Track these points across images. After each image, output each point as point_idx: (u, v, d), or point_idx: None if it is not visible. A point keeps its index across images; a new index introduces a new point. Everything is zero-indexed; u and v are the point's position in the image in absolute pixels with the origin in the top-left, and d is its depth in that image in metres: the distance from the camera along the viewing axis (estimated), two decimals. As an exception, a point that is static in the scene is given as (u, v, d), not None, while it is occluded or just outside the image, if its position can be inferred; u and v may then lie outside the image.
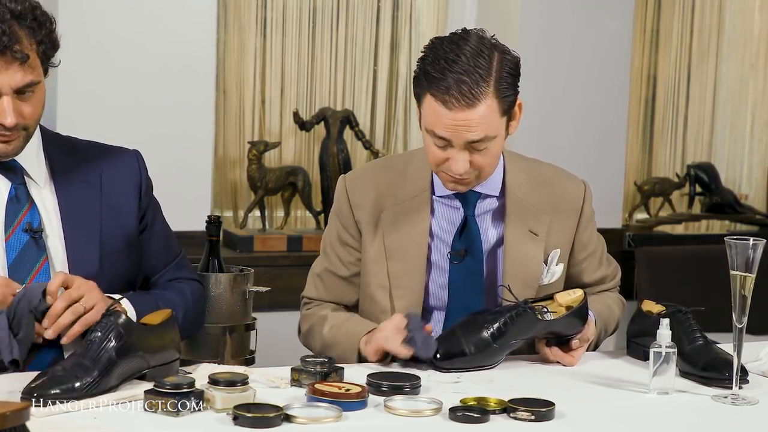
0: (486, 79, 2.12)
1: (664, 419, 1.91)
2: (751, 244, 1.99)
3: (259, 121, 3.98)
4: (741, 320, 2.00)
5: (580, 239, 2.37)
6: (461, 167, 2.16)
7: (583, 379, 2.12)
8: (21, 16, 1.97)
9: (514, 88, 2.18)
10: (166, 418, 1.74)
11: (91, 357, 1.84)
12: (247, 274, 2.58)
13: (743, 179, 4.72)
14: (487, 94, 2.12)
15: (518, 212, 2.30)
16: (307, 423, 1.75)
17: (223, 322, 2.50)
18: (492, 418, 1.82)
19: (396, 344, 2.10)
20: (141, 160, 2.23)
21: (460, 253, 2.28)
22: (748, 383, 2.08)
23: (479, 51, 2.13)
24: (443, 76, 2.11)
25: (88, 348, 1.85)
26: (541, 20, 3.98)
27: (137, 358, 1.89)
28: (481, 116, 2.12)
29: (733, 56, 4.61)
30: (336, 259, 2.37)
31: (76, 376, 1.80)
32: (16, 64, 1.96)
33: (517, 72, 2.19)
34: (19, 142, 2.03)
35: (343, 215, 2.36)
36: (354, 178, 2.39)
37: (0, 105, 1.96)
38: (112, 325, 1.87)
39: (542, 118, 3.99)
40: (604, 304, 2.39)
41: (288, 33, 3.98)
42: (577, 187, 2.39)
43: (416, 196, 2.30)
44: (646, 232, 4.34)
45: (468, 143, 2.14)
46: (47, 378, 1.80)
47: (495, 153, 2.20)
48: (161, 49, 3.54)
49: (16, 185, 2.08)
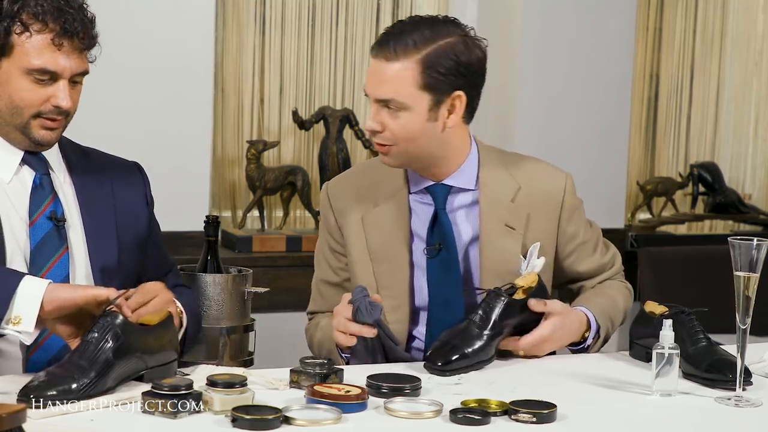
0: (418, 45, 2.16)
1: (667, 421, 1.90)
2: (755, 245, 1.98)
3: (258, 120, 3.97)
4: (744, 321, 1.99)
5: (564, 231, 2.36)
6: (368, 123, 2.22)
7: (585, 380, 2.11)
8: (83, 9, 2.09)
9: (453, 75, 2.18)
10: (163, 420, 1.73)
11: (88, 358, 1.82)
12: (245, 275, 2.57)
13: (747, 179, 4.71)
14: (409, 57, 2.16)
15: (493, 206, 2.30)
16: (306, 425, 1.74)
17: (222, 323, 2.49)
18: (493, 420, 1.81)
19: (344, 324, 2.13)
20: (144, 173, 2.31)
21: (434, 248, 2.29)
22: (752, 385, 2.07)
23: (431, 23, 2.20)
24: (387, 31, 2.21)
25: (85, 349, 1.83)
26: (542, 18, 3.97)
27: (135, 359, 1.87)
28: (392, 75, 2.16)
29: (736, 55, 4.60)
30: (327, 266, 2.41)
31: (73, 377, 1.79)
32: (77, 51, 2.06)
33: (464, 64, 2.19)
34: (60, 131, 2.12)
35: (328, 222, 2.40)
36: (335, 183, 2.43)
37: (57, 88, 2.05)
38: (109, 326, 1.85)
39: (544, 117, 3.99)
40: (607, 297, 2.38)
41: (287, 31, 3.98)
42: (558, 180, 2.37)
43: (394, 195, 2.32)
44: (649, 233, 4.33)
45: (378, 101, 2.19)
46: (44, 379, 1.79)
47: (408, 127, 2.20)
48: (159, 47, 3.53)
49: (40, 175, 2.12)
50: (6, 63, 2.04)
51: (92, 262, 2.12)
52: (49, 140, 2.09)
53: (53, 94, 2.05)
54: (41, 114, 2.06)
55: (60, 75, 2.04)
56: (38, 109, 2.05)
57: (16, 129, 2.08)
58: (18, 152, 2.11)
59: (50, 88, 2.05)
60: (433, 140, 2.23)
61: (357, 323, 2.13)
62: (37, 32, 2.02)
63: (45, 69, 2.03)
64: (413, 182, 2.32)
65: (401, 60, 2.16)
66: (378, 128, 2.21)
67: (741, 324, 1.99)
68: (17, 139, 2.09)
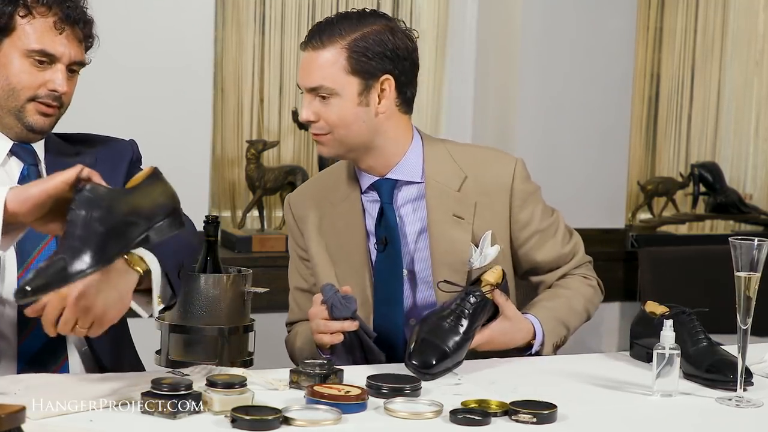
0: (344, 33, 2.21)
1: (667, 422, 1.90)
2: (756, 245, 1.97)
3: (258, 119, 3.96)
4: (745, 321, 1.99)
5: (517, 219, 2.35)
6: (302, 114, 2.26)
7: (586, 381, 2.10)
8: (84, 4, 2.15)
9: (380, 59, 2.22)
10: (163, 420, 1.73)
11: (79, 237, 1.64)
12: (245, 275, 2.56)
13: (748, 179, 4.71)
14: (335, 44, 2.21)
15: (440, 197, 2.31)
16: (306, 426, 1.73)
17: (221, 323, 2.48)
18: (493, 420, 1.80)
19: (324, 324, 2.13)
20: (136, 147, 2.31)
21: (382, 242, 2.31)
22: (753, 385, 2.07)
23: (360, 14, 2.25)
24: (315, 25, 2.27)
25: (71, 230, 1.65)
26: (543, 18, 3.96)
27: (129, 225, 1.70)
28: (321, 63, 2.21)
29: (737, 54, 4.60)
30: (297, 275, 2.44)
31: (64, 259, 1.62)
32: (77, 39, 2.11)
33: (390, 49, 2.23)
34: (54, 120, 2.14)
35: (292, 231, 2.44)
36: (295, 194, 2.49)
37: (54, 72, 2.09)
38: (85, 198, 1.67)
39: (544, 117, 3.98)
40: (563, 300, 2.35)
41: (287, 30, 3.97)
42: (505, 166, 2.36)
43: (348, 197, 2.36)
44: (650, 233, 4.33)
45: (310, 90, 2.23)
46: (35, 273, 1.61)
47: (340, 113, 2.23)
48: (158, 46, 3.53)
49: (28, 165, 2.14)
50: (6, 44, 2.08)
51: None
52: (42, 126, 2.11)
53: (51, 78, 2.08)
54: (37, 98, 2.09)
55: (58, 59, 2.08)
56: (35, 92, 2.08)
57: (11, 113, 2.10)
58: (7, 142, 2.13)
59: (48, 72, 2.08)
60: (367, 126, 2.26)
61: (336, 320, 2.13)
62: (41, 15, 2.07)
63: (45, 51, 2.07)
64: (362, 181, 2.35)
65: (328, 48, 2.21)
66: (312, 118, 2.25)
67: (742, 324, 1.99)
68: (10, 125, 2.11)
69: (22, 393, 1.82)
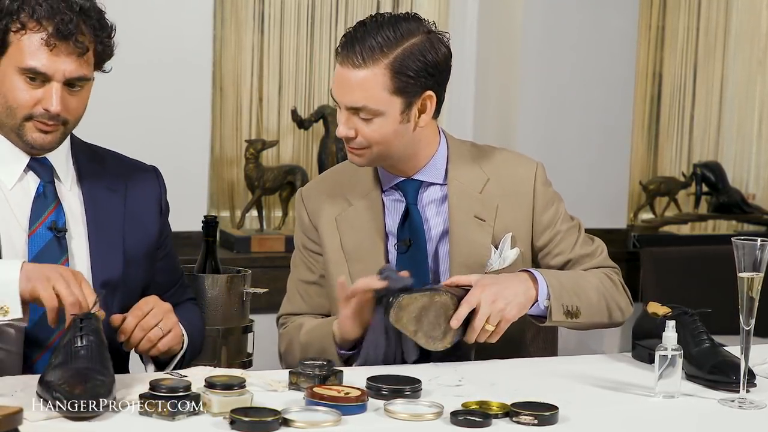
0: (385, 51, 2.15)
1: (669, 423, 1.89)
2: (758, 245, 1.97)
3: (257, 119, 3.96)
4: (748, 322, 1.98)
5: (540, 221, 2.34)
6: (341, 130, 2.21)
7: (588, 382, 2.10)
8: (88, 13, 2.04)
9: (423, 77, 2.18)
10: (161, 422, 1.72)
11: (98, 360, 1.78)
12: (244, 276, 2.56)
13: (751, 178, 4.70)
14: (377, 63, 2.15)
15: (462, 199, 2.31)
16: (305, 427, 1.72)
17: (220, 324, 2.48)
18: (494, 422, 1.80)
19: (368, 280, 2.10)
20: (161, 178, 2.28)
21: (404, 243, 2.29)
22: (756, 386, 2.06)
23: (394, 23, 2.18)
24: (350, 35, 2.18)
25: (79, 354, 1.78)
26: (544, 17, 3.96)
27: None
28: (362, 82, 2.15)
29: (740, 54, 4.59)
30: (303, 266, 2.39)
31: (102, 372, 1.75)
32: (74, 54, 2.01)
33: (431, 64, 2.19)
34: (57, 135, 2.06)
35: (303, 224, 2.39)
36: (309, 187, 2.44)
37: (48, 90, 2.01)
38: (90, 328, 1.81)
39: (546, 117, 3.98)
40: (572, 274, 2.29)
41: (286, 29, 3.97)
42: (527, 169, 2.36)
43: (367, 195, 2.33)
44: (652, 233, 4.33)
45: (348, 108, 2.18)
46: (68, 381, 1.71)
47: (381, 131, 2.20)
48: (157, 45, 3.53)
49: (44, 183, 2.10)
50: (4, 61, 2.02)
51: (94, 274, 2.08)
52: (43, 144, 2.05)
53: (44, 96, 2.01)
54: (33, 116, 2.03)
55: (51, 77, 2.01)
56: (29, 111, 2.02)
57: (12, 131, 2.06)
58: (24, 158, 2.09)
59: (41, 90, 2.01)
60: (406, 140, 2.25)
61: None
62: (32, 31, 1.99)
63: (35, 69, 2.00)
64: (384, 180, 2.33)
65: (369, 67, 2.15)
66: (352, 135, 2.21)
67: (745, 325, 1.98)
68: (15, 141, 2.07)
69: (20, 394, 1.81)
